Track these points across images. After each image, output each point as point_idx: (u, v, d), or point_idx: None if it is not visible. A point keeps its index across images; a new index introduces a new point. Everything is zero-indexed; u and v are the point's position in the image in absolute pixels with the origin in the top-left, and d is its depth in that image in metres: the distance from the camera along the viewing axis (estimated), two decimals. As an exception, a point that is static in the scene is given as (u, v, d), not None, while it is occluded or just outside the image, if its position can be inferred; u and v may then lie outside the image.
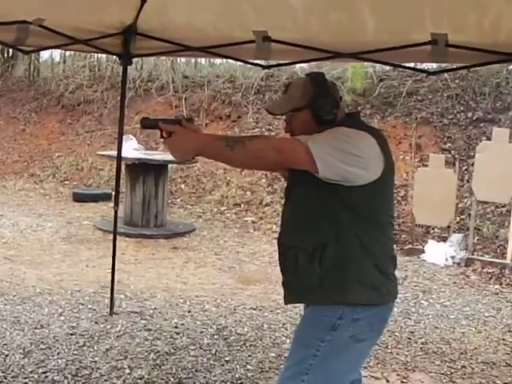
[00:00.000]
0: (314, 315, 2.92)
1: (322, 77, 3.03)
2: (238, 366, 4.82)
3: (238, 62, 6.20)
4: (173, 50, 5.15)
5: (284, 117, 3.06)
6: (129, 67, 5.55)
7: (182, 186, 12.26)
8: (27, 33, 4.50)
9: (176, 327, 5.58)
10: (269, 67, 5.27)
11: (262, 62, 5.30)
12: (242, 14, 4.41)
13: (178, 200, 11.79)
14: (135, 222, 9.60)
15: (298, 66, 13.86)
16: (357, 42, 4.37)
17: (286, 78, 13.63)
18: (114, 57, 16.10)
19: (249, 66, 5.91)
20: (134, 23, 4.94)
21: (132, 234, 9.17)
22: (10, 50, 17.67)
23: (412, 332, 5.85)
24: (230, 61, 6.77)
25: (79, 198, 11.77)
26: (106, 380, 4.46)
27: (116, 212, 5.86)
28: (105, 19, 4.74)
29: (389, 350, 5.35)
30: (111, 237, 8.76)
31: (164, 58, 14.77)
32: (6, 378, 4.40)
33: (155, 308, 6.06)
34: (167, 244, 8.88)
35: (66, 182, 13.17)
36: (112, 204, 10.86)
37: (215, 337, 5.40)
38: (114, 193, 11.23)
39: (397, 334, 5.76)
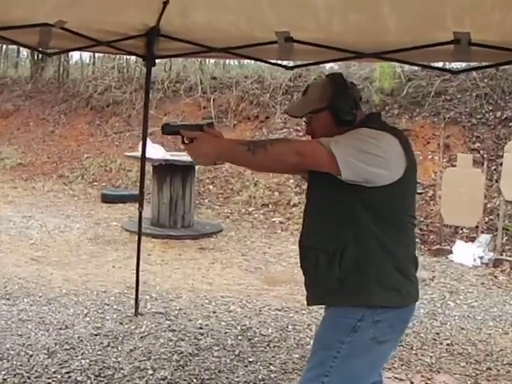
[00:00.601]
0: (334, 317, 2.90)
1: (340, 78, 3.01)
2: (261, 367, 4.80)
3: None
4: (196, 51, 5.15)
5: (304, 118, 3.05)
6: (158, 68, 5.58)
7: (210, 186, 12.27)
8: (50, 35, 4.52)
9: (200, 328, 5.58)
10: (291, 68, 5.23)
11: (285, 63, 5.27)
12: (262, 15, 4.40)
13: (206, 201, 11.80)
14: (162, 222, 9.62)
15: (327, 66, 13.86)
16: (379, 42, 4.34)
17: (314, 78, 13.59)
18: (136, 57, 16.29)
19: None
20: (157, 25, 4.95)
21: (159, 235, 9.20)
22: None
23: (437, 333, 5.80)
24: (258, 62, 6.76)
25: (107, 199, 11.83)
26: (128, 380, 4.47)
27: (140, 213, 5.86)
28: (127, 21, 4.75)
29: (413, 351, 5.30)
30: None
31: (192, 59, 14.81)
32: (29, 379, 4.42)
33: (180, 309, 6.06)
34: (194, 245, 8.89)
35: (95, 183, 13.25)
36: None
37: (239, 337, 5.38)
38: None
39: (422, 335, 5.72)
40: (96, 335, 5.30)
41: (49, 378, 4.44)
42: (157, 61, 5.39)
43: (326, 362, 2.82)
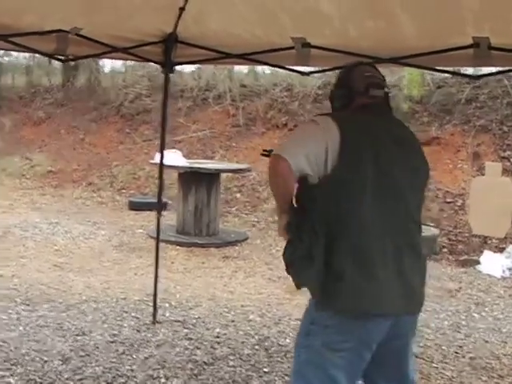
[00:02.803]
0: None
1: (343, 70, 3.11)
2: (276, 378, 4.73)
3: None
4: (213, 57, 5.12)
5: None
6: (187, 76, 5.58)
7: (238, 195, 12.22)
8: (66, 42, 4.52)
9: (217, 337, 5.52)
10: (308, 74, 5.17)
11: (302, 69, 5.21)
12: (278, 21, 4.38)
13: (233, 209, 11.75)
14: (187, 230, 9.59)
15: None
16: (396, 47, 4.31)
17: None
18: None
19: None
20: (174, 31, 4.92)
21: (183, 243, 9.17)
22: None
23: (460, 346, 5.67)
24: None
25: (135, 207, 11.83)
26: (141, 389, 4.43)
27: (159, 220, 5.85)
28: (143, 27, 4.74)
29: (434, 365, 5.19)
30: (163, 245, 8.86)
31: (221, 66, 14.82)
32: (41, 384, 4.41)
33: (199, 317, 6.01)
34: (218, 253, 8.84)
35: (123, 191, 13.27)
36: (166, 212, 11.02)
37: (256, 347, 5.32)
38: (169, 201, 11.46)
39: (444, 347, 5.60)
40: (112, 342, 5.26)
41: (61, 385, 4.42)
42: (187, 69, 5.39)
43: (294, 368, 2.89)
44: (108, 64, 17.84)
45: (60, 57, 4.85)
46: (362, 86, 2.93)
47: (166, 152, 10.06)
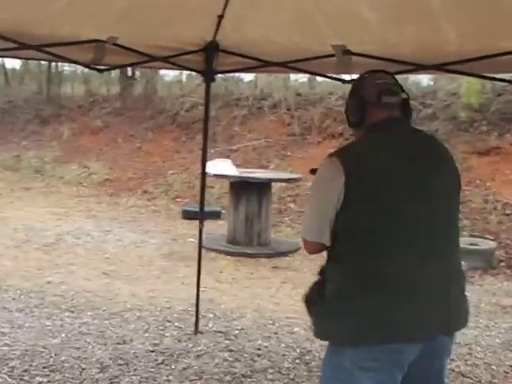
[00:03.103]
0: None
1: (356, 79, 2.98)
2: (313, 392, 4.64)
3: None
4: (253, 65, 5.08)
5: None
6: (243, 85, 5.53)
7: (291, 204, 12.12)
8: (104, 52, 4.51)
9: (259, 349, 5.44)
10: (349, 82, 5.07)
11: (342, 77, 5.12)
12: (317, 29, 4.30)
13: (287, 219, 11.65)
14: (238, 240, 9.54)
15: (410, 81, 13.61)
16: (439, 53, 4.19)
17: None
18: (224, 75, 16.32)
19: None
20: (214, 39, 4.88)
21: (233, 253, 9.12)
22: (129, 71, 18.16)
23: (511, 366, 5.47)
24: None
25: (188, 216, 11.82)
26: (175, 400, 4.38)
27: (201, 230, 5.80)
28: (182, 36, 4.70)
29: (481, 385, 5.02)
30: (213, 255, 8.90)
31: (277, 75, 14.82)
32: (77, 392, 4.41)
33: (242, 328, 5.94)
34: (268, 263, 8.77)
35: (178, 200, 13.29)
36: (220, 222, 11.01)
37: (297, 361, 5.22)
38: (223, 210, 11.44)
39: (494, 367, 5.37)
40: (152, 352, 5.23)
41: (96, 393, 4.41)
42: (244, 78, 5.36)
43: None
44: (165, 73, 18.01)
45: (97, 66, 4.84)
46: (373, 93, 2.78)
47: (216, 161, 10.15)
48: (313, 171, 2.87)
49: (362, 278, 2.61)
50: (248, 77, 17.30)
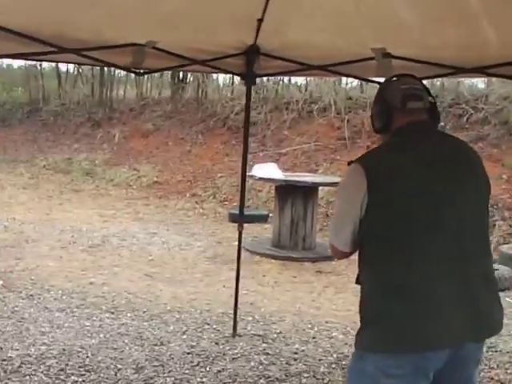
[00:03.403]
0: None
1: (381, 84, 2.98)
2: (348, 398, 4.59)
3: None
4: (294, 69, 5.07)
5: None
6: (292, 88, 5.53)
7: (339, 209, 12.04)
8: (143, 55, 4.53)
9: (295, 353, 5.42)
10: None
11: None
12: (357, 32, 4.27)
13: (334, 223, 11.58)
14: (283, 244, 9.52)
15: (463, 85, 13.42)
16: (480, 56, 4.13)
17: (452, 98, 13.23)
18: (274, 78, 16.26)
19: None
20: (255, 43, 4.88)
21: (278, 256, 9.10)
22: (181, 74, 18.30)
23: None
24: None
25: (234, 219, 11.79)
26: (208, 402, 4.40)
27: (240, 233, 5.81)
28: (222, 39, 4.70)
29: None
30: (257, 258, 8.90)
31: (327, 78, 14.79)
32: (111, 392, 4.45)
33: (280, 332, 5.93)
34: (312, 267, 8.73)
35: (226, 203, 13.31)
36: (267, 225, 11.01)
37: (333, 366, 5.19)
38: (270, 214, 11.43)
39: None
40: (188, 354, 5.25)
41: (130, 394, 4.44)
42: (295, 81, 5.37)
43: None
44: (214, 77, 18.14)
45: (136, 70, 4.88)
46: (398, 99, 2.75)
47: (263, 165, 10.15)
48: (350, 164, 2.88)
49: (382, 286, 2.61)
50: (298, 80, 17.35)
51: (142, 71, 5.07)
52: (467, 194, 2.67)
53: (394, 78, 2.88)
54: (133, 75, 19.18)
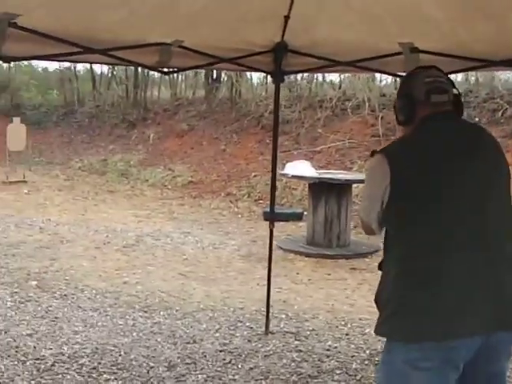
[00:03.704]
0: None
1: (405, 77, 3.00)
2: (380, 394, 4.56)
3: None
4: (322, 65, 5.05)
5: None
6: (326, 86, 5.52)
7: (374, 206, 11.99)
8: (170, 54, 4.54)
9: (328, 350, 5.40)
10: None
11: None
12: (384, 27, 4.25)
13: (368, 220, 11.53)
14: (317, 241, 9.49)
15: (498, 79, 13.28)
16: (509, 50, 4.05)
17: (486, 93, 13.09)
18: (308, 76, 16.22)
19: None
20: (282, 40, 4.87)
21: (312, 254, 9.08)
22: (214, 74, 18.35)
23: None
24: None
25: (269, 218, 11.82)
26: (239, 399, 4.40)
27: (271, 231, 5.81)
28: (249, 37, 4.69)
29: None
30: (291, 256, 8.89)
31: (361, 76, 14.74)
32: (143, 390, 4.48)
33: (313, 329, 5.91)
34: (346, 264, 8.70)
35: (260, 202, 13.30)
36: (302, 223, 10.98)
37: (365, 362, 5.16)
38: (305, 212, 11.40)
39: None
40: (221, 351, 5.26)
41: (162, 391, 4.46)
42: (326, 79, 5.35)
43: None
44: (248, 76, 18.15)
45: (162, 69, 4.90)
46: (422, 92, 2.74)
47: (296, 163, 10.14)
48: (373, 154, 2.90)
49: (407, 272, 2.60)
50: (332, 78, 17.31)
51: (169, 70, 5.09)
52: (491, 180, 2.68)
53: (418, 71, 2.87)
54: (167, 76, 19.51)
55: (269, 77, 16.73)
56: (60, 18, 3.65)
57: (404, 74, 4.88)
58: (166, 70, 5.08)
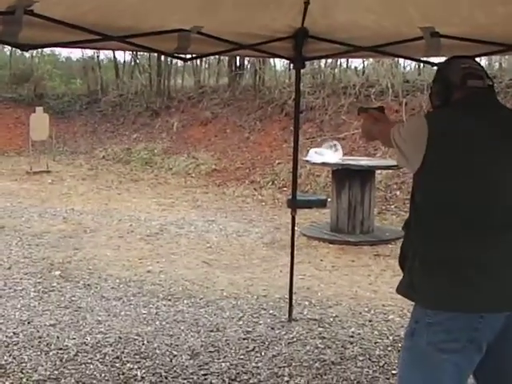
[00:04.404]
0: None
1: (442, 63, 2.99)
2: (404, 380, 4.54)
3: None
4: (343, 51, 5.01)
5: None
6: (349, 73, 5.49)
7: (397, 192, 11.94)
8: (189, 41, 4.52)
9: (351, 336, 5.38)
10: (436, 65, 4.94)
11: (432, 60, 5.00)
12: (404, 11, 4.19)
13: (393, 206, 11.49)
14: (341, 228, 9.46)
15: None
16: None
17: (510, 78, 12.95)
18: (331, 61, 16.12)
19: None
20: (303, 26, 4.83)
21: (336, 241, 9.05)
22: (238, 61, 18.32)
23: None
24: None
25: (292, 204, 11.79)
26: (261, 387, 4.39)
27: (294, 218, 5.82)
28: (269, 23, 4.64)
29: None
30: (315, 243, 8.87)
31: (384, 62, 14.66)
32: (166, 378, 4.49)
33: (336, 316, 5.89)
34: (370, 251, 8.65)
35: (284, 189, 13.28)
36: (326, 211, 10.96)
37: (389, 348, 5.13)
38: (329, 199, 11.37)
39: None
40: (244, 339, 5.26)
41: (184, 379, 4.47)
42: (352, 66, 5.32)
43: (399, 372, 2.79)
44: (271, 63, 18.12)
45: (181, 55, 4.88)
46: (458, 77, 2.76)
47: (319, 149, 10.09)
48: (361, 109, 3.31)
49: (437, 244, 2.62)
50: (355, 64, 17.21)
51: (188, 57, 5.06)
52: None
53: (454, 58, 2.90)
54: (189, 63, 19.49)
55: (288, 63, 16.81)
56: (78, 5, 3.64)
57: (425, 58, 4.88)
58: (185, 56, 5.04)
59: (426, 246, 2.63)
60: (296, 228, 9.57)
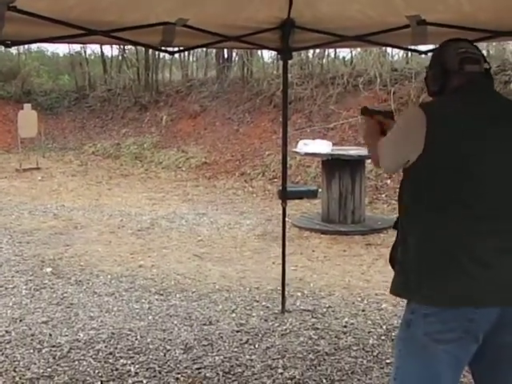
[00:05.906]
0: None
1: (437, 48, 2.92)
2: (398, 370, 4.54)
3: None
4: (329, 41, 4.99)
5: None
6: (337, 63, 5.47)
7: (388, 181, 11.94)
8: (173, 34, 4.50)
9: (345, 326, 5.38)
10: (426, 52, 4.93)
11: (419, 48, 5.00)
12: (390, 0, 4.18)
13: (383, 195, 11.50)
14: (332, 218, 9.46)
15: (509, 51, 13.16)
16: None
17: (497, 65, 12.95)
18: (319, 51, 16.09)
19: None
20: (289, 16, 4.81)
21: (327, 231, 9.06)
22: (225, 53, 18.28)
23: None
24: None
25: (282, 196, 11.78)
26: (256, 379, 4.38)
27: (284, 209, 5.78)
28: (254, 15, 4.63)
29: None
30: (306, 234, 8.88)
31: (373, 50, 14.66)
32: (160, 373, 4.47)
33: (329, 306, 5.89)
34: (362, 240, 8.66)
35: (275, 180, 13.25)
36: (317, 201, 10.95)
37: (382, 337, 5.13)
38: (320, 189, 11.37)
39: None
40: (237, 332, 5.25)
41: (178, 374, 4.46)
42: (339, 55, 5.31)
43: (395, 363, 2.74)
44: (259, 54, 18.09)
45: (168, 48, 4.85)
46: (455, 62, 2.71)
47: (308, 141, 10.09)
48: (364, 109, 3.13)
49: (430, 237, 2.59)
50: (343, 54, 17.21)
51: (174, 50, 5.04)
52: None
53: (449, 42, 2.84)
54: (177, 56, 19.42)
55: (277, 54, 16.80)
56: (62, 0, 3.61)
57: (413, 47, 4.87)
58: (172, 49, 5.02)
59: (420, 243, 2.60)
60: (287, 219, 9.57)
